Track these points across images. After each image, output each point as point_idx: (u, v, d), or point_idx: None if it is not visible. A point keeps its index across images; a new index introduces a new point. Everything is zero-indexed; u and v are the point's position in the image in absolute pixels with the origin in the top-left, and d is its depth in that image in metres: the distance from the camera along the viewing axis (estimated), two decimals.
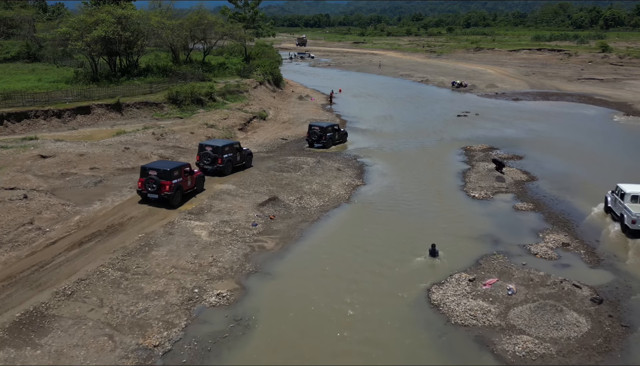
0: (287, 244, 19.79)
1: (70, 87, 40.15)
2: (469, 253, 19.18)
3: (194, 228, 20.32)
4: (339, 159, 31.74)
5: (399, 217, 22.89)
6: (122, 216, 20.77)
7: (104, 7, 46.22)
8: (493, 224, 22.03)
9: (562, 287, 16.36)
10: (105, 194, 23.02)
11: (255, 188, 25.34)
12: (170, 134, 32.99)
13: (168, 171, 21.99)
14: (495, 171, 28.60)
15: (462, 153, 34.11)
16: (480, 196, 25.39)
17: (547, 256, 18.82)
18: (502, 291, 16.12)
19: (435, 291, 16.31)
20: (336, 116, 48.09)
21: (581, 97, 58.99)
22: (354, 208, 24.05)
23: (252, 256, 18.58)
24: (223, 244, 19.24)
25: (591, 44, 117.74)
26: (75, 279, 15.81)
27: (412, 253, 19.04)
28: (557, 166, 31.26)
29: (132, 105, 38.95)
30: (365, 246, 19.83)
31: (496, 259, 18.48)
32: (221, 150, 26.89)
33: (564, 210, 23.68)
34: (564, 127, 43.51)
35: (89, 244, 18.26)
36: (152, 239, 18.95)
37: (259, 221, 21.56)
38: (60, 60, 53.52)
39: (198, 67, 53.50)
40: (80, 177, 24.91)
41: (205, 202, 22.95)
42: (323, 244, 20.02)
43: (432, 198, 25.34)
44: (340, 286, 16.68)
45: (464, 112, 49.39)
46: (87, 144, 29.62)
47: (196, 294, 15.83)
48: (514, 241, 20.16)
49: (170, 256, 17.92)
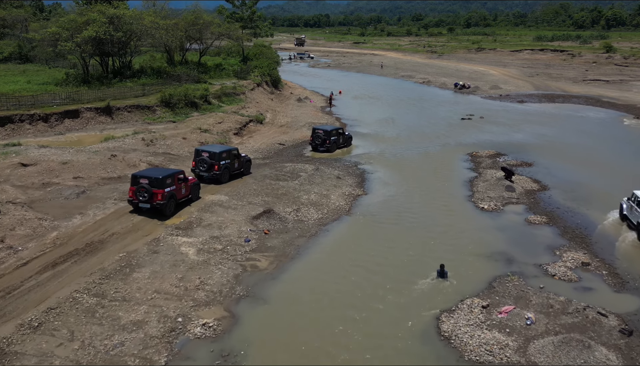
0: (282, 263, 18.18)
1: (58, 90, 38.56)
2: (480, 273, 17.56)
3: (181, 245, 18.70)
4: (338, 166, 30.13)
5: (403, 231, 21.26)
6: (103, 232, 19.13)
7: (96, 6, 44.55)
8: (505, 239, 20.40)
9: (586, 315, 14.73)
10: (87, 206, 21.38)
11: (250, 198, 23.73)
12: (161, 140, 31.34)
13: (160, 179, 20.65)
14: (504, 180, 26.97)
15: (468, 159, 32.45)
16: (490, 208, 23.76)
17: (566, 278, 17.19)
18: (519, 321, 14.50)
19: (445, 320, 14.69)
20: (336, 118, 46.46)
21: (588, 99, 57.33)
22: (354, 221, 22.44)
23: (243, 278, 16.96)
24: (212, 264, 17.62)
25: (594, 45, 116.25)
26: (44, 308, 14.17)
27: (418, 274, 17.42)
28: (569, 173, 29.61)
29: (123, 108, 37.34)
30: (367, 265, 18.21)
31: (511, 282, 16.85)
32: (218, 156, 25.42)
33: (580, 224, 22.02)
34: (574, 131, 41.85)
35: (64, 265, 16.63)
36: (134, 259, 17.33)
37: (252, 237, 19.94)
38: (52, 61, 51.99)
39: (193, 69, 51.89)
40: (62, 187, 23.30)
41: (194, 215, 21.33)
42: (321, 263, 18.41)
43: (438, 210, 23.71)
44: (339, 314, 15.06)
45: (468, 115, 47.74)
46: (72, 150, 27.97)
47: (179, 324, 14.21)
48: (529, 260, 18.53)
49: (153, 279, 16.29)
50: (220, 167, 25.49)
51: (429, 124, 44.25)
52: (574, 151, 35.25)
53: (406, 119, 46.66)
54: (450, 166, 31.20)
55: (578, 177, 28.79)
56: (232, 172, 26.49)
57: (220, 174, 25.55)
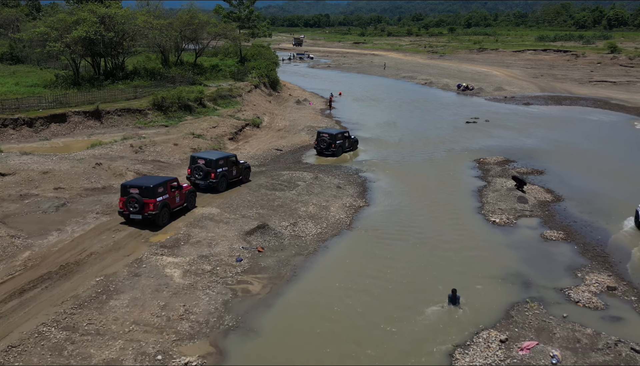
0: (277, 286, 16.49)
1: (46, 92, 36.83)
2: (495, 299, 15.87)
3: (165, 266, 17.01)
4: (338, 174, 28.45)
5: (409, 249, 19.57)
6: (80, 252, 17.43)
7: (86, 5, 42.83)
8: (520, 259, 18.69)
9: (619, 353, 13.05)
10: (66, 221, 19.69)
11: (243, 211, 22.03)
12: (150, 146, 29.62)
13: (151, 188, 19.31)
14: (516, 190, 25.29)
15: (475, 167, 30.74)
16: (502, 222, 22.05)
17: (591, 305, 15.49)
18: (544, 359, 12.80)
19: (460, 357, 13.00)
20: (336, 121, 44.79)
21: (596, 101, 55.58)
22: (356, 236, 20.75)
23: (233, 304, 15.28)
24: (199, 288, 15.94)
25: (598, 45, 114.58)
26: (4, 347, 12.46)
27: (427, 300, 15.74)
28: (583, 182, 27.91)
29: (113, 112, 35.61)
30: (370, 288, 16.53)
31: (530, 310, 15.16)
32: (215, 163, 23.88)
33: (601, 240, 20.32)
34: (584, 135, 40.03)
35: (33, 292, 14.92)
36: (113, 284, 15.63)
37: (244, 256, 18.26)
38: (44, 62, 50.27)
39: (189, 70, 50.16)
40: (41, 199, 21.60)
41: (182, 231, 19.62)
42: (319, 286, 16.73)
43: (446, 224, 22.01)
44: (340, 350, 13.37)
45: (473, 118, 46.03)
46: (55, 158, 26.28)
47: (159, 363, 12.53)
48: (549, 283, 16.83)
49: (132, 307, 14.60)
50: (217, 175, 23.97)
51: (432, 128, 42.53)
52: (587, 157, 33.53)
53: (409, 123, 44.95)
54: (456, 173, 29.50)
55: (593, 186, 27.09)
56: (230, 180, 24.93)
57: (217, 183, 24.02)
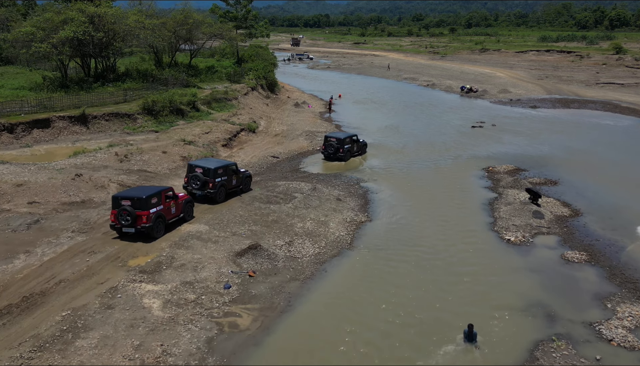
0: (269, 319, 14.59)
1: (31, 95, 34.92)
2: (517, 336, 13.96)
3: (143, 295, 15.10)
4: (339, 184, 26.54)
5: (417, 273, 17.65)
6: (48, 279, 15.52)
7: (75, 4, 40.91)
8: (541, 285, 16.78)
9: None
10: (37, 242, 17.80)
11: (234, 227, 20.12)
12: (137, 155, 27.69)
13: (143, 199, 17.99)
14: (530, 203, 23.39)
15: (484, 176, 28.80)
16: (517, 240, 20.12)
17: (627, 345, 13.57)
18: None
19: None
20: (336, 125, 42.90)
21: (605, 104, 53.61)
22: (358, 256, 18.84)
23: (218, 343, 13.37)
24: (181, 323, 14.04)
25: (601, 45, 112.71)
26: None
27: (440, 336, 13.85)
28: (602, 194, 25.94)
29: (100, 117, 33.70)
30: (374, 322, 14.63)
31: (557, 350, 13.26)
32: (213, 172, 22.27)
33: (629, 263, 18.38)
34: (597, 141, 37.84)
35: None
36: (81, 319, 13.71)
37: (233, 281, 16.37)
38: (34, 63, 48.35)
39: (183, 71, 48.22)
40: (12, 215, 19.74)
41: (165, 252, 17.70)
42: (316, 320, 14.82)
43: (456, 242, 20.08)
44: None
45: (478, 122, 44.11)
46: (33, 168, 24.38)
47: None
48: (575, 316, 14.92)
49: (101, 348, 12.69)
50: (216, 184, 22.31)
51: (437, 133, 40.60)
52: (602, 165, 31.54)
53: (412, 127, 43.02)
54: (465, 184, 27.57)
55: (613, 199, 25.16)
56: (229, 190, 23.22)
57: (216, 193, 22.37)
